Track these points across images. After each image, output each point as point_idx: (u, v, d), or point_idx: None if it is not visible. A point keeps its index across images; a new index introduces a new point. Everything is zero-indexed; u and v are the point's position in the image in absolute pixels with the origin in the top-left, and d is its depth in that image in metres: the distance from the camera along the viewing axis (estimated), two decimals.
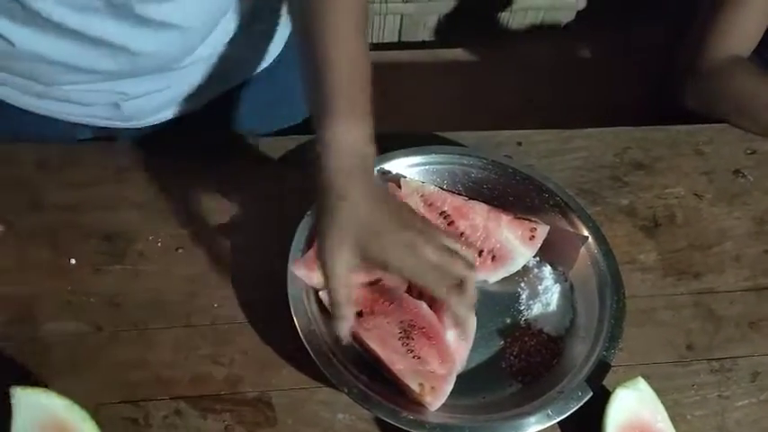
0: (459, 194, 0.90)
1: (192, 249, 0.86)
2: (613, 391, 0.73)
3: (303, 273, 0.79)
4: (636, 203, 0.96)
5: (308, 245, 0.81)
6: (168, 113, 0.95)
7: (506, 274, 0.85)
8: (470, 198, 0.89)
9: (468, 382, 0.78)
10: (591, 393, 0.73)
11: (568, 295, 0.85)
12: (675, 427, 0.75)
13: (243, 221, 0.89)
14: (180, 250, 0.86)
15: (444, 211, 0.87)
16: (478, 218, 0.87)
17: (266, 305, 0.81)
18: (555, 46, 1.94)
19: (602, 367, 0.75)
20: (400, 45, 1.99)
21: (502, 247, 0.85)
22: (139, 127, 0.95)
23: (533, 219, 0.86)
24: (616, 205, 0.95)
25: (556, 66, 1.88)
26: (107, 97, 0.87)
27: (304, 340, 0.75)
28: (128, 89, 0.87)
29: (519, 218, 0.86)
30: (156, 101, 0.91)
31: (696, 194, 0.98)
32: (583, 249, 0.85)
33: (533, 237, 0.85)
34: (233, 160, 0.94)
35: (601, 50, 1.94)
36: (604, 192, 0.96)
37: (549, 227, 0.85)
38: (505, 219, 0.86)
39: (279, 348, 0.80)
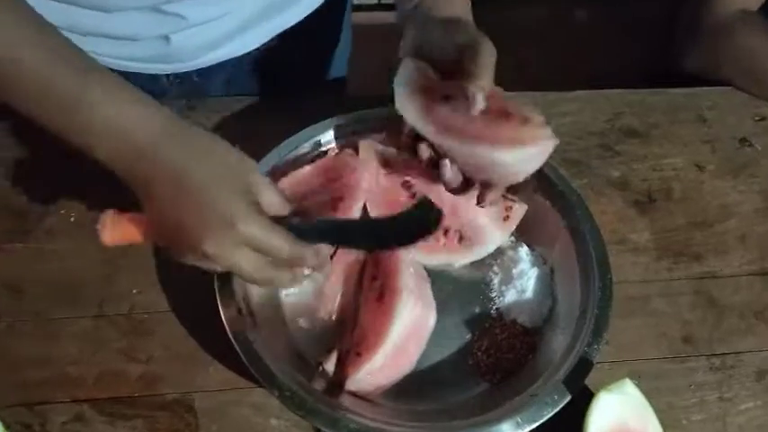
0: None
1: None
2: (596, 394, 0.61)
3: None
4: (628, 176, 0.84)
5: None
6: (217, 54, 0.84)
7: (475, 258, 0.73)
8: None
9: (428, 383, 0.67)
10: (569, 397, 0.62)
11: (547, 280, 0.73)
12: None
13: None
14: (97, 226, 0.74)
15: (407, 181, 0.75)
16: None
17: (194, 290, 0.69)
18: (548, 10, 1.81)
19: (584, 365, 0.64)
20: (387, 7, 1.88)
21: (471, 227, 0.73)
22: (180, 72, 0.85)
23: (509, 195, 0.74)
24: (606, 177, 0.84)
25: (548, 30, 1.75)
26: (159, 25, 0.76)
27: (230, 333, 0.63)
28: (186, 11, 0.75)
29: None
30: (209, 33, 0.80)
31: (697, 166, 0.86)
32: (565, 228, 0.73)
33: (508, 217, 0.73)
34: None
35: (595, 15, 1.81)
36: (593, 162, 0.85)
37: (526, 206, 0.73)
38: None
39: (206, 342, 0.68)
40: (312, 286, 0.71)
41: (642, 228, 0.80)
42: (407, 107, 0.64)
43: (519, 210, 0.74)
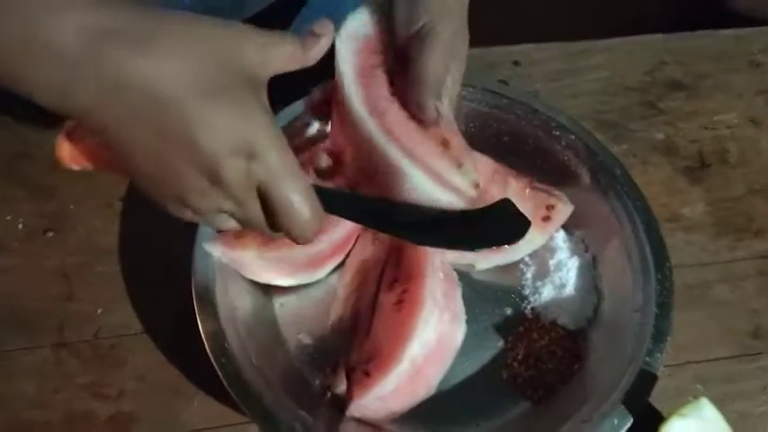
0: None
1: (66, 232, 0.62)
2: (666, 418, 0.50)
3: (220, 251, 0.55)
4: (675, 138, 0.72)
5: None
6: None
7: (501, 263, 0.61)
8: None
9: (454, 405, 0.56)
10: (631, 421, 0.51)
11: (590, 272, 0.61)
12: None
13: (137, 192, 0.64)
14: (49, 234, 0.62)
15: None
16: (479, 177, 0.62)
17: (170, 306, 0.58)
18: None
19: (646, 379, 0.52)
20: None
21: None
22: None
23: (555, 191, 0.62)
24: (649, 141, 0.71)
25: None
26: None
27: (212, 359, 0.52)
28: None
29: (534, 187, 0.62)
30: None
31: (753, 122, 0.74)
32: (608, 207, 0.61)
33: (548, 218, 0.61)
34: None
35: None
36: (633, 123, 0.72)
37: (572, 207, 0.61)
38: (515, 185, 0.61)
39: (189, 369, 0.57)
40: (314, 293, 0.60)
41: (695, 199, 0.68)
42: (344, 66, 0.49)
43: (563, 210, 0.61)
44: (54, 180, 0.65)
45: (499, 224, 0.47)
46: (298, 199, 0.41)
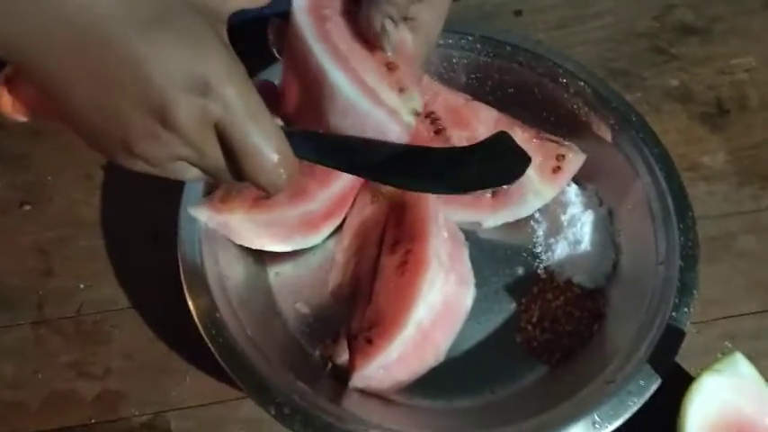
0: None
1: (44, 205, 0.58)
2: (696, 376, 0.46)
3: (206, 215, 0.51)
4: (690, 84, 0.67)
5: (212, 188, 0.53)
6: None
7: (510, 219, 0.57)
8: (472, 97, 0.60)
9: (466, 371, 0.52)
10: (659, 381, 0.47)
11: (607, 226, 0.57)
12: None
13: None
14: (26, 207, 0.58)
15: (433, 113, 0.58)
16: (481, 128, 0.58)
17: (157, 278, 0.54)
18: None
19: (673, 336, 0.48)
20: None
21: None
22: None
23: (563, 141, 0.57)
24: (662, 88, 0.67)
25: None
26: None
27: (204, 334, 0.48)
28: None
29: (542, 137, 0.57)
30: None
31: None
32: (623, 156, 0.57)
33: (559, 168, 0.56)
34: None
35: None
36: (644, 71, 0.68)
37: (584, 156, 0.57)
38: (521, 135, 0.57)
39: (179, 344, 0.53)
40: (311, 259, 0.56)
41: (715, 148, 0.64)
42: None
43: (574, 159, 0.57)
44: (29, 149, 0.61)
45: (493, 162, 0.41)
46: (261, 140, 0.35)
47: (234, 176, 0.37)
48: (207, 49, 0.34)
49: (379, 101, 0.41)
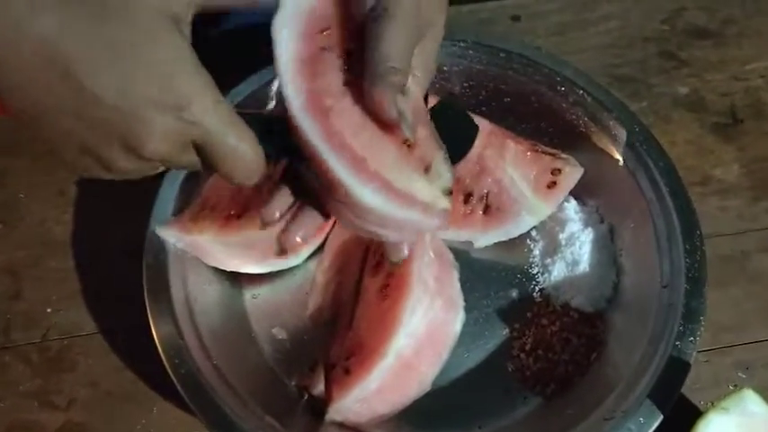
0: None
1: (17, 223, 0.56)
2: (701, 415, 0.42)
3: (174, 236, 0.48)
4: (702, 91, 0.63)
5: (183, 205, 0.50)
6: None
7: (504, 238, 0.53)
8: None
9: (453, 402, 0.48)
10: (660, 418, 0.42)
11: (608, 245, 0.53)
12: None
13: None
14: None
15: None
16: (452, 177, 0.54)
17: (126, 304, 0.51)
18: None
19: (677, 369, 0.44)
20: None
21: (502, 194, 0.53)
22: None
23: (561, 154, 0.54)
24: (671, 96, 0.62)
25: None
26: None
27: (167, 365, 0.45)
28: None
29: (537, 150, 0.54)
30: None
31: None
32: (626, 170, 0.53)
33: (555, 184, 0.53)
34: None
35: None
36: (652, 77, 0.63)
37: (582, 169, 0.53)
38: (514, 149, 0.53)
39: (148, 373, 0.50)
40: (290, 281, 0.53)
41: (728, 159, 0.60)
42: (281, 51, 0.38)
43: (571, 173, 0.53)
44: (2, 165, 0.58)
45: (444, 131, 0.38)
46: (237, 149, 0.35)
47: (207, 171, 0.37)
48: (175, 60, 0.32)
49: (411, 201, 0.38)
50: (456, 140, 0.38)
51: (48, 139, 0.34)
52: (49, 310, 0.53)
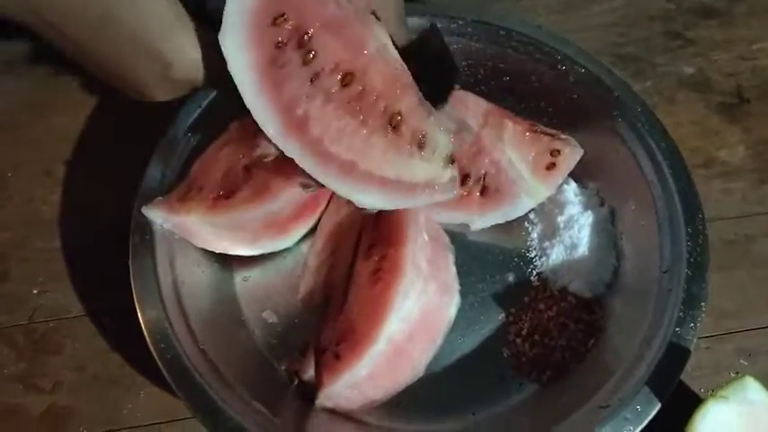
0: None
1: (4, 203, 0.56)
2: (701, 403, 0.40)
3: (161, 217, 0.47)
4: (708, 71, 0.61)
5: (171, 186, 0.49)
6: None
7: (501, 220, 0.52)
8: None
9: (447, 389, 0.47)
10: (658, 406, 0.41)
11: (608, 229, 0.52)
12: None
13: (82, 157, 0.56)
14: None
15: None
16: (470, 120, 0.53)
17: (114, 284, 0.49)
18: None
19: (676, 355, 0.43)
20: None
21: (500, 175, 0.52)
22: None
23: (561, 134, 0.52)
24: (676, 76, 0.61)
25: None
26: None
27: (152, 348, 0.43)
28: None
29: (536, 130, 0.52)
30: None
31: None
32: (628, 151, 0.51)
33: (554, 165, 0.51)
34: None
35: None
36: (657, 57, 0.62)
37: (582, 150, 0.51)
38: (512, 129, 0.52)
39: (136, 356, 0.49)
40: (281, 264, 0.52)
41: (734, 141, 0.58)
42: (237, 69, 0.36)
43: (570, 155, 0.51)
44: None
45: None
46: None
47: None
48: None
49: (411, 188, 0.36)
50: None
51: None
52: (35, 291, 0.52)
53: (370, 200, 0.37)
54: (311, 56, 0.36)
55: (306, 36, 0.37)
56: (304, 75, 0.36)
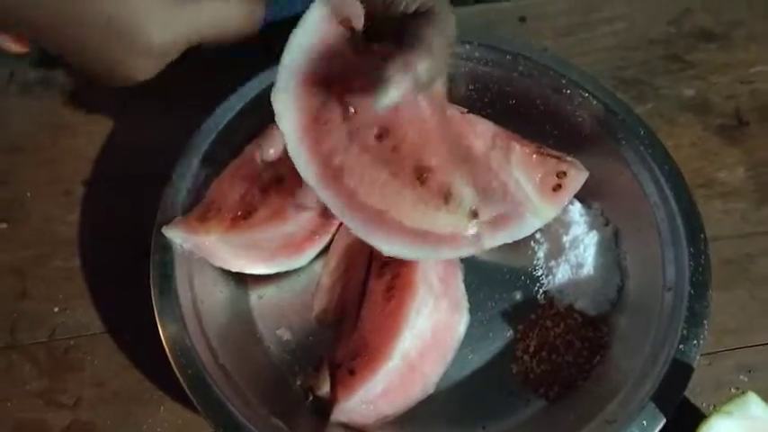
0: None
1: (22, 222, 0.56)
2: (707, 416, 0.42)
3: (180, 237, 0.49)
4: (707, 94, 0.63)
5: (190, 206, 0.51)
6: None
7: (508, 240, 0.53)
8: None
9: (457, 404, 0.49)
10: (663, 422, 0.43)
11: (612, 248, 0.53)
12: None
13: (100, 177, 0.58)
14: (2, 225, 0.56)
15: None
16: (478, 142, 0.54)
17: (134, 303, 0.51)
18: None
19: (680, 372, 0.44)
20: None
21: (507, 197, 0.53)
22: None
23: (567, 157, 0.54)
24: (677, 98, 0.63)
25: None
26: None
27: (173, 365, 0.45)
28: None
29: (542, 152, 0.54)
30: None
31: None
32: (630, 173, 0.53)
33: (560, 186, 0.52)
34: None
35: None
36: (657, 79, 0.63)
37: (587, 172, 0.53)
38: (520, 151, 0.53)
39: (155, 372, 0.51)
40: (295, 283, 0.53)
41: (733, 162, 0.60)
42: (285, 124, 0.40)
43: (576, 176, 0.52)
44: (9, 165, 0.59)
45: None
46: None
47: None
48: None
49: (437, 240, 0.39)
50: None
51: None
52: (55, 309, 0.53)
53: (398, 250, 0.39)
54: (351, 112, 0.39)
55: (348, 90, 0.39)
56: (344, 130, 0.39)
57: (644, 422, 0.43)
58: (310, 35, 0.40)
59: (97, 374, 0.50)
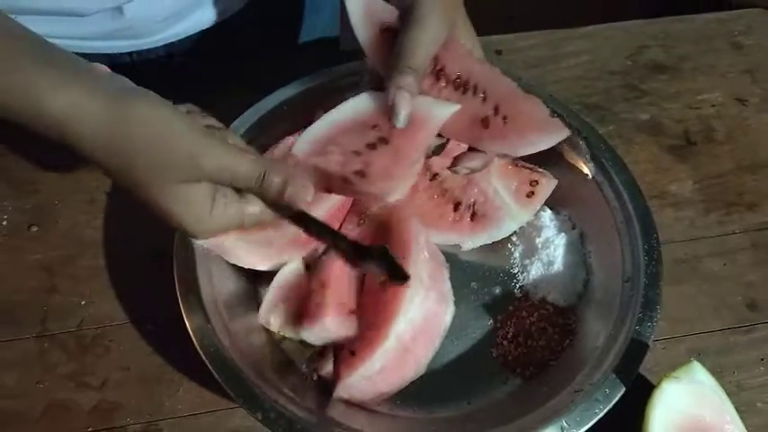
0: None
1: (51, 226, 0.62)
2: (657, 384, 0.49)
3: (210, 240, 0.55)
4: (660, 118, 0.71)
5: None
6: (184, 27, 0.71)
7: (488, 241, 0.61)
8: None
9: (444, 384, 0.55)
10: (623, 389, 0.50)
11: (578, 248, 0.61)
12: (743, 419, 0.51)
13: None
14: (34, 228, 0.62)
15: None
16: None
17: (154, 294, 0.57)
18: None
19: (637, 349, 0.51)
20: None
21: (487, 203, 0.61)
22: (141, 50, 0.71)
23: (537, 168, 0.61)
24: (634, 122, 0.71)
25: None
26: None
27: (197, 344, 0.51)
28: None
29: (517, 164, 0.62)
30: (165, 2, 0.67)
31: (738, 99, 0.74)
32: (593, 183, 0.61)
33: (533, 193, 0.61)
34: None
35: None
36: (617, 105, 0.72)
37: (556, 181, 0.61)
38: (498, 163, 0.61)
39: (173, 357, 0.56)
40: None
41: (683, 177, 0.68)
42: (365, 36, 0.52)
43: (547, 184, 0.61)
44: (39, 176, 0.65)
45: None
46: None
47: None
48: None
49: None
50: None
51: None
52: (82, 302, 0.58)
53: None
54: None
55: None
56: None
57: (606, 390, 0.49)
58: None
59: (122, 359, 0.56)
